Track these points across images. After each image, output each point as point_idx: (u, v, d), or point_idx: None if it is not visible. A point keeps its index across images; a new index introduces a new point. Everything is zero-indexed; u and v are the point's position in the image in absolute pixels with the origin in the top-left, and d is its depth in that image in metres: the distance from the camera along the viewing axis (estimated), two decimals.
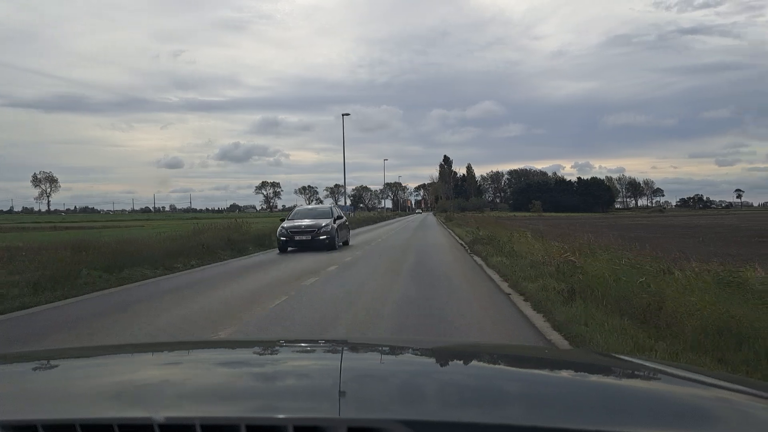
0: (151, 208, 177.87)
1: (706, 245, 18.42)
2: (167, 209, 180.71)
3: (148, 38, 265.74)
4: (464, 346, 2.69)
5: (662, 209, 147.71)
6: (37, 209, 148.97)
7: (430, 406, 1.08)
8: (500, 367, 1.58)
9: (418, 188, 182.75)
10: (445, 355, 1.77)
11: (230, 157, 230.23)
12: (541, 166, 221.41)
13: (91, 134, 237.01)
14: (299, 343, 2.09)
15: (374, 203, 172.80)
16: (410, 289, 8.71)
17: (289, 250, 16.78)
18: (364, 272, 11.17)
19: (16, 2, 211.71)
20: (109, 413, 0.99)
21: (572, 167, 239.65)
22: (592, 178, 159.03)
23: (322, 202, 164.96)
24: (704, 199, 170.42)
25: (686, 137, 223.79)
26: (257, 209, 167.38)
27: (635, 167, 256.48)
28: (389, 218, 73.24)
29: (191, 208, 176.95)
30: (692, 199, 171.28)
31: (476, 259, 13.78)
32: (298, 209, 20.47)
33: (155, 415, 0.90)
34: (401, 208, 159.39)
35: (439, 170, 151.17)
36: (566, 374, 1.50)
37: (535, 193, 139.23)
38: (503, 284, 9.03)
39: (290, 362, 1.60)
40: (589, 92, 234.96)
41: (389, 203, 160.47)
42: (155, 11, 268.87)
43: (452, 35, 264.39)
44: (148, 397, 1.15)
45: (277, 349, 1.85)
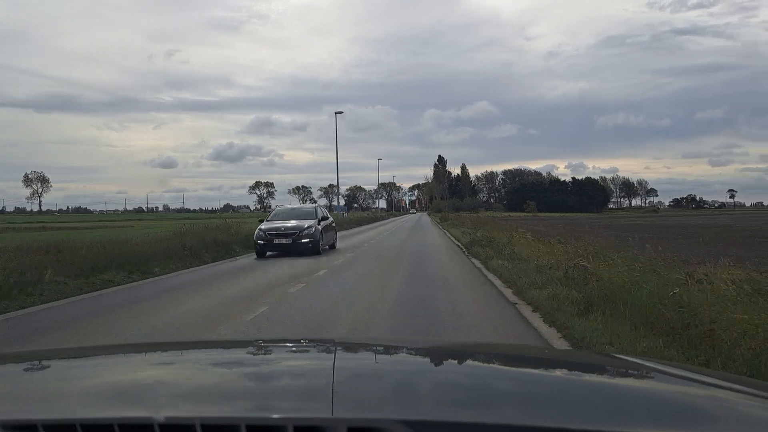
0: (144, 208, 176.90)
1: (707, 246, 17.92)
2: (160, 209, 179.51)
3: (141, 38, 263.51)
4: (462, 345, 2.67)
5: (656, 209, 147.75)
6: (29, 209, 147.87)
7: (429, 406, 1.07)
8: (500, 367, 1.56)
9: (412, 188, 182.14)
10: (443, 354, 1.74)
11: (224, 157, 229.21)
12: (535, 166, 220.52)
13: (84, 134, 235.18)
14: (298, 342, 2.07)
15: (368, 203, 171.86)
16: (404, 302, 7.92)
17: (268, 254, 15.29)
18: (349, 282, 9.76)
19: (7, 1, 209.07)
20: (109, 413, 1.00)
21: (566, 167, 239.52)
22: (586, 178, 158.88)
23: (315, 202, 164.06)
24: (697, 199, 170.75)
25: (679, 138, 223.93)
26: (251, 209, 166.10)
27: (629, 167, 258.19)
28: (383, 218, 72.54)
29: (184, 208, 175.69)
30: (685, 199, 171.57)
31: (475, 262, 13.01)
32: (278, 209, 18.97)
33: (155, 414, 0.90)
34: (396, 208, 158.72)
35: (433, 170, 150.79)
36: (566, 374, 1.48)
37: (529, 193, 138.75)
38: (507, 291, 8.26)
39: (288, 362, 1.59)
40: (582, 93, 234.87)
41: (383, 203, 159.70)
42: (148, 11, 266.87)
43: (446, 36, 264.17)
44: (147, 396, 1.14)
45: (275, 348, 1.84)
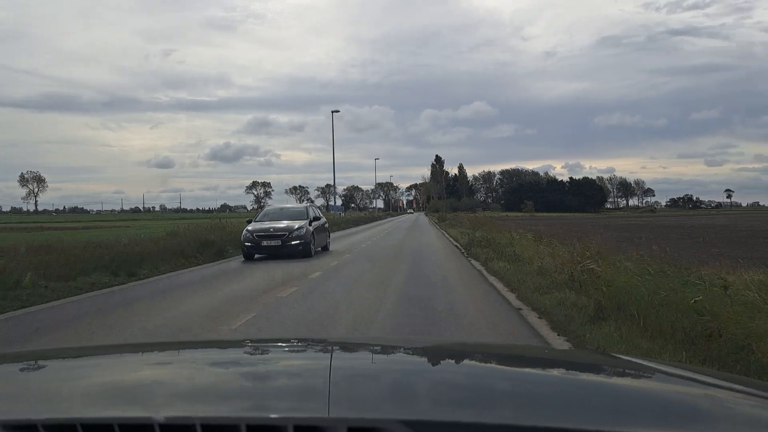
0: (140, 208, 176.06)
1: (709, 246, 17.59)
2: (157, 209, 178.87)
3: (137, 38, 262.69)
4: (461, 345, 2.65)
5: (653, 209, 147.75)
6: (26, 209, 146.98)
7: (429, 406, 1.07)
8: (500, 366, 1.54)
9: (409, 188, 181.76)
10: (441, 354, 1.73)
11: (221, 157, 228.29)
12: (532, 166, 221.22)
13: (80, 134, 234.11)
14: (297, 342, 2.06)
15: (366, 203, 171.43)
16: (402, 306, 7.50)
17: (256, 257, 14.41)
18: (341, 288, 8.86)
19: (5, 0, 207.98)
20: (109, 413, 0.99)
21: (563, 167, 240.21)
22: (583, 178, 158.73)
23: (312, 201, 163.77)
24: (694, 199, 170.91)
25: (675, 138, 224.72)
26: (248, 209, 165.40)
27: (625, 167, 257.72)
28: (380, 218, 72.12)
29: (181, 208, 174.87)
30: (682, 199, 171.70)
31: (475, 263, 12.58)
32: (267, 209, 17.86)
33: (156, 414, 0.90)
34: (393, 208, 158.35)
35: (430, 170, 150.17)
36: (566, 374, 1.46)
37: (527, 193, 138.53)
38: (510, 295, 7.84)
39: (286, 361, 1.58)
40: (579, 93, 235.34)
41: (381, 203, 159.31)
42: (145, 10, 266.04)
43: (443, 36, 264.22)
44: (147, 396, 1.14)
45: (272, 348, 1.83)
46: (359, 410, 1.01)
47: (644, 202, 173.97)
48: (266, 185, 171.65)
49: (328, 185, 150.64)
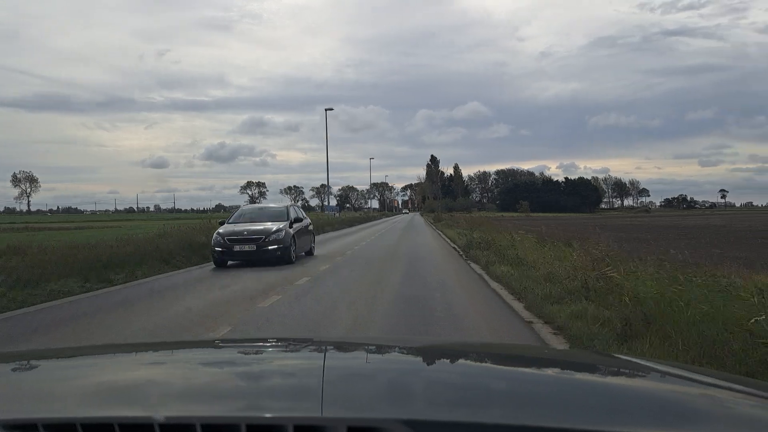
0: (134, 208, 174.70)
1: (709, 247, 17.05)
2: (152, 209, 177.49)
3: (132, 37, 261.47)
4: (459, 345, 2.62)
5: (648, 209, 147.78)
6: (19, 210, 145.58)
7: (430, 405, 1.05)
8: (499, 366, 1.52)
9: (404, 188, 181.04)
10: (439, 354, 1.71)
11: (216, 157, 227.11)
12: (527, 166, 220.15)
13: (75, 134, 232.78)
14: (293, 341, 2.02)
15: (361, 203, 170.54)
16: (400, 309, 6.74)
17: (229, 264, 12.67)
18: (324, 303, 7.51)
19: None
20: (109, 412, 0.99)
21: (558, 167, 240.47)
22: (579, 178, 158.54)
23: (308, 202, 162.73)
24: (688, 199, 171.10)
25: (670, 138, 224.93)
26: None
27: (620, 168, 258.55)
28: (375, 218, 71.41)
29: (176, 208, 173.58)
30: (676, 199, 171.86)
31: (475, 267, 11.80)
32: (244, 209, 15.75)
33: (156, 414, 0.89)
34: (388, 208, 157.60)
35: (426, 170, 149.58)
36: (566, 374, 1.44)
37: (522, 193, 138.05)
38: (517, 305, 7.07)
39: (282, 361, 1.56)
40: (574, 93, 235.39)
41: (376, 203, 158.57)
42: (139, 10, 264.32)
43: (439, 36, 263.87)
44: (147, 396, 1.13)
45: (269, 347, 1.80)
46: (354, 410, 1.00)
47: (639, 202, 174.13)
48: (261, 185, 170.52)
49: (323, 185, 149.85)
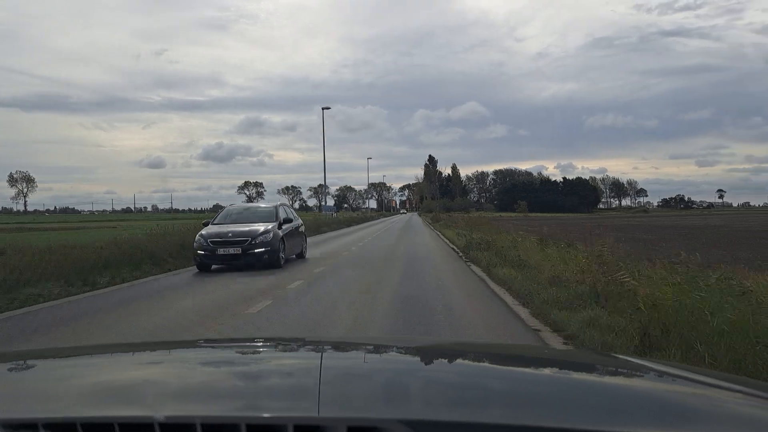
0: (132, 208, 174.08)
1: (710, 247, 16.73)
2: (149, 209, 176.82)
3: (129, 37, 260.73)
4: (458, 345, 2.62)
5: (646, 209, 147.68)
6: (16, 210, 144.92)
7: (429, 405, 1.05)
8: (498, 366, 1.51)
9: (402, 188, 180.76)
10: (438, 354, 1.71)
11: (213, 157, 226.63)
12: (525, 166, 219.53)
13: (72, 134, 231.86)
14: (290, 341, 1.99)
15: (358, 203, 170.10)
16: (398, 311, 6.32)
17: (213, 268, 11.89)
18: (314, 310, 6.91)
19: None
20: (109, 412, 0.98)
21: (555, 168, 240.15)
22: (577, 178, 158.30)
23: (305, 202, 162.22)
24: (686, 199, 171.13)
25: (667, 138, 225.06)
26: None
27: (617, 168, 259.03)
28: (373, 218, 71.01)
29: (173, 208, 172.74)
30: (674, 199, 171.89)
31: (475, 269, 11.37)
32: (229, 208, 14.54)
33: (156, 413, 0.89)
34: (386, 208, 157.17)
35: (424, 170, 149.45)
36: (565, 374, 1.44)
37: (520, 193, 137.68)
38: (522, 311, 6.64)
39: (280, 361, 1.55)
40: (571, 94, 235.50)
41: (374, 203, 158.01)
42: (137, 10, 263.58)
43: (437, 36, 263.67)
44: (147, 395, 1.13)
45: (267, 347, 1.80)
46: (351, 410, 1.00)
47: (637, 202, 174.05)
48: (258, 185, 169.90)
49: (320, 185, 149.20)
